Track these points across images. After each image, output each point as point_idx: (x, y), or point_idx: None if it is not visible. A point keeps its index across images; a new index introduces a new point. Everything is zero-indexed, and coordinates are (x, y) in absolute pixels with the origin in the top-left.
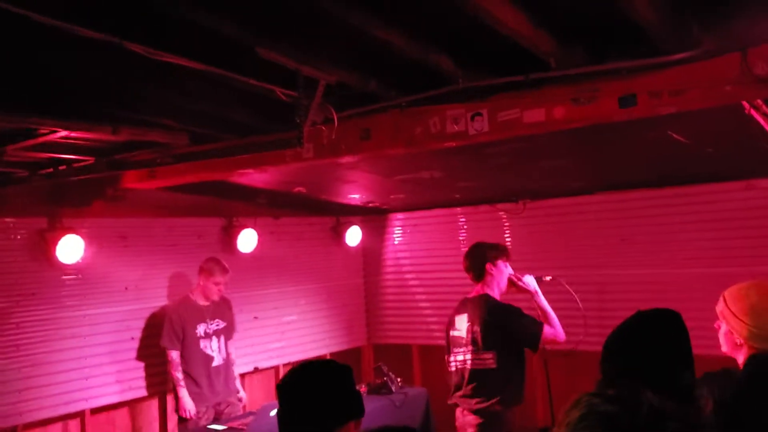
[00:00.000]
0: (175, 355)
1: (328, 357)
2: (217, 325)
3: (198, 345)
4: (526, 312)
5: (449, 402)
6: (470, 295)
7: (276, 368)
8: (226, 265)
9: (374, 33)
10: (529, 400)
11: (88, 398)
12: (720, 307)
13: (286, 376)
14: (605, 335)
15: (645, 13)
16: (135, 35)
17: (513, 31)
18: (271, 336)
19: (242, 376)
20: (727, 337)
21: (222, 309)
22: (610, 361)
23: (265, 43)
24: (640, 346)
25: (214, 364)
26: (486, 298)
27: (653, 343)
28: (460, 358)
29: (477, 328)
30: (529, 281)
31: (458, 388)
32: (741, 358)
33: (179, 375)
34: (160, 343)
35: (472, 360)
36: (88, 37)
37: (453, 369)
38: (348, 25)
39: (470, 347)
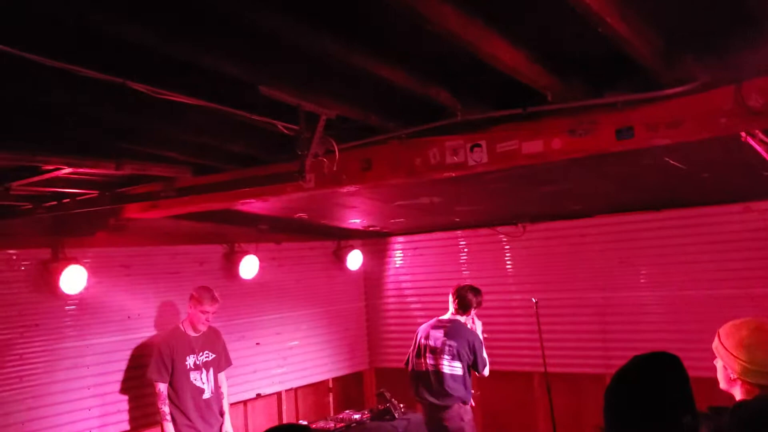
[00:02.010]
0: (162, 387)
1: (330, 382)
2: (207, 357)
3: (188, 377)
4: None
5: (421, 397)
6: (443, 318)
7: (278, 394)
8: (217, 295)
9: (375, 71)
10: (531, 422)
11: (91, 428)
12: (715, 343)
13: None
14: (607, 357)
15: (640, 48)
16: (139, 74)
17: (511, 69)
18: (273, 362)
19: (244, 402)
20: (722, 373)
21: (212, 340)
22: (612, 412)
23: (266, 81)
24: (640, 394)
25: (205, 396)
26: (463, 324)
27: (652, 391)
28: (431, 362)
29: (453, 343)
30: (478, 326)
31: (428, 387)
32: (737, 393)
33: (165, 409)
34: (147, 375)
35: (444, 365)
36: (92, 77)
37: (423, 369)
38: (349, 63)
39: (442, 356)
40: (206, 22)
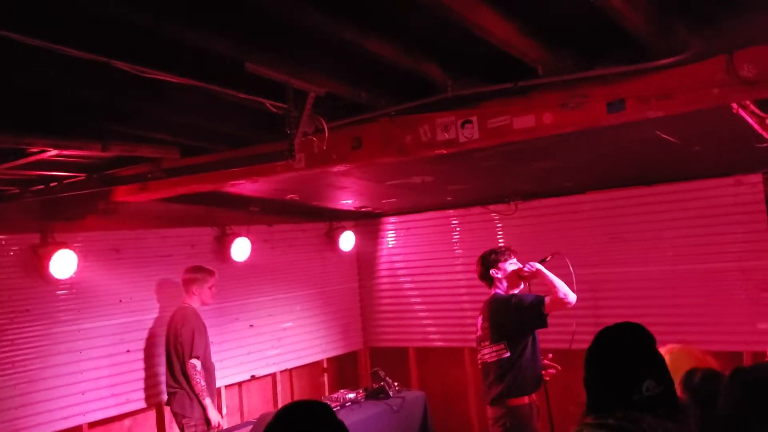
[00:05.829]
0: (200, 364)
1: (325, 362)
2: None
3: (210, 354)
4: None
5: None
6: (486, 299)
7: (273, 375)
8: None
9: (363, 45)
10: None
11: (85, 412)
12: None
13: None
14: None
15: (632, 18)
16: (124, 53)
17: (502, 41)
18: (268, 343)
19: (239, 384)
20: None
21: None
22: (586, 384)
23: (254, 58)
24: (602, 365)
25: (216, 372)
26: (493, 297)
27: (612, 360)
28: (482, 353)
29: (486, 324)
30: (532, 265)
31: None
32: None
33: (204, 383)
34: (193, 353)
35: (488, 354)
36: (76, 56)
37: (479, 365)
38: (337, 38)
39: (485, 342)
40: None
